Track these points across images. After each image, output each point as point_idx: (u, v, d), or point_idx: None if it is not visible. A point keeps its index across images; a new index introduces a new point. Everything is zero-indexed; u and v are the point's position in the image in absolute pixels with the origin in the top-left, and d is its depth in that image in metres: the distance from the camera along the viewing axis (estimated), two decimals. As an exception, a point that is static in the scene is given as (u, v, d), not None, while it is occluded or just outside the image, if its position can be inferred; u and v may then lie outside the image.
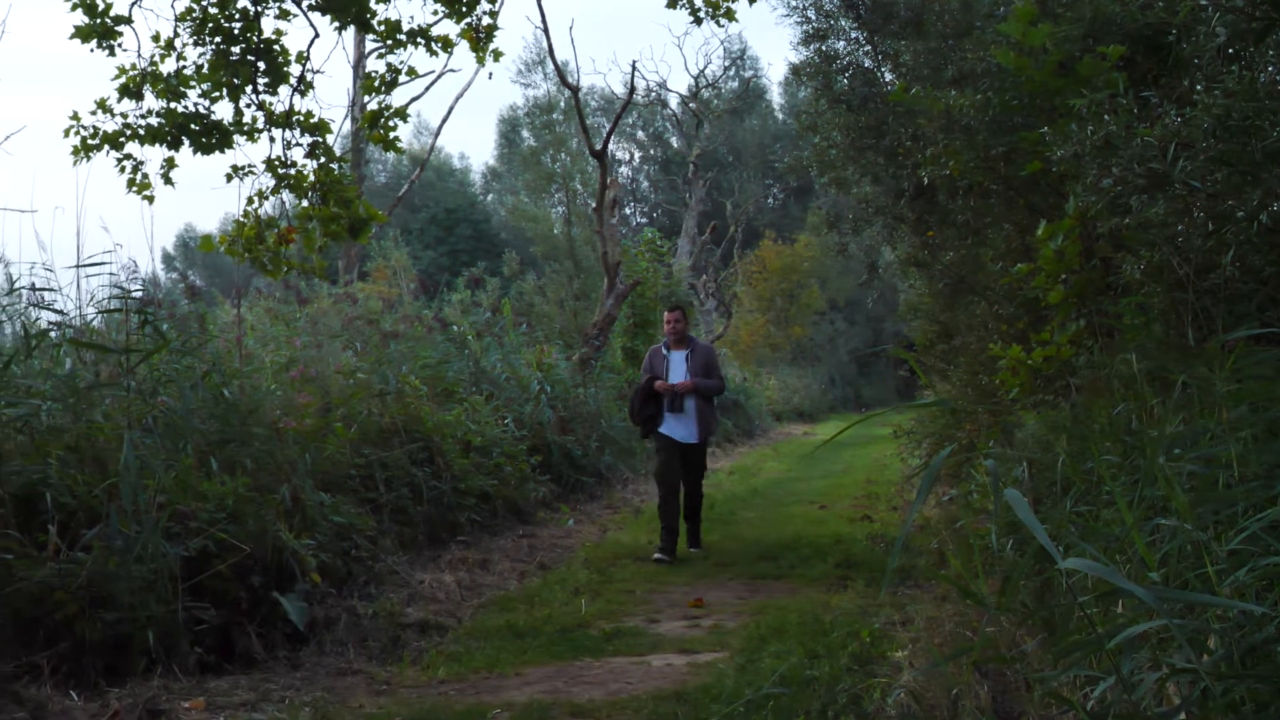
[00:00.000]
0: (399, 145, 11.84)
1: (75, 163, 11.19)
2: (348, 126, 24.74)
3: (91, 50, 10.90)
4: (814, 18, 15.35)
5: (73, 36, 10.76)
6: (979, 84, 10.05)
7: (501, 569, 10.74)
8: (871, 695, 5.92)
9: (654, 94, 48.31)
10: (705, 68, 53.81)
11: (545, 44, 26.53)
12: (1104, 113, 7.27)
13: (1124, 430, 6.03)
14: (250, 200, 11.40)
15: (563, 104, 43.32)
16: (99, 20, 10.76)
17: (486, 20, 11.86)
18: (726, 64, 55.38)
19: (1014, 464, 7.35)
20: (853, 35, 15.24)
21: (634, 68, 37.44)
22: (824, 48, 15.22)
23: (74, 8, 10.68)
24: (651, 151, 65.75)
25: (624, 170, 63.46)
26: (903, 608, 8.15)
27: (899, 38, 14.05)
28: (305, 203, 11.35)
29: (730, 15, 12.75)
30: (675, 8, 12.99)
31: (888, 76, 14.74)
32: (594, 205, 24.73)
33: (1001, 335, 10.48)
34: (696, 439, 11.81)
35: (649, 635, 8.23)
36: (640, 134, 64.39)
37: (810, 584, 9.87)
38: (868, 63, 15.12)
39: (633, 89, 26.14)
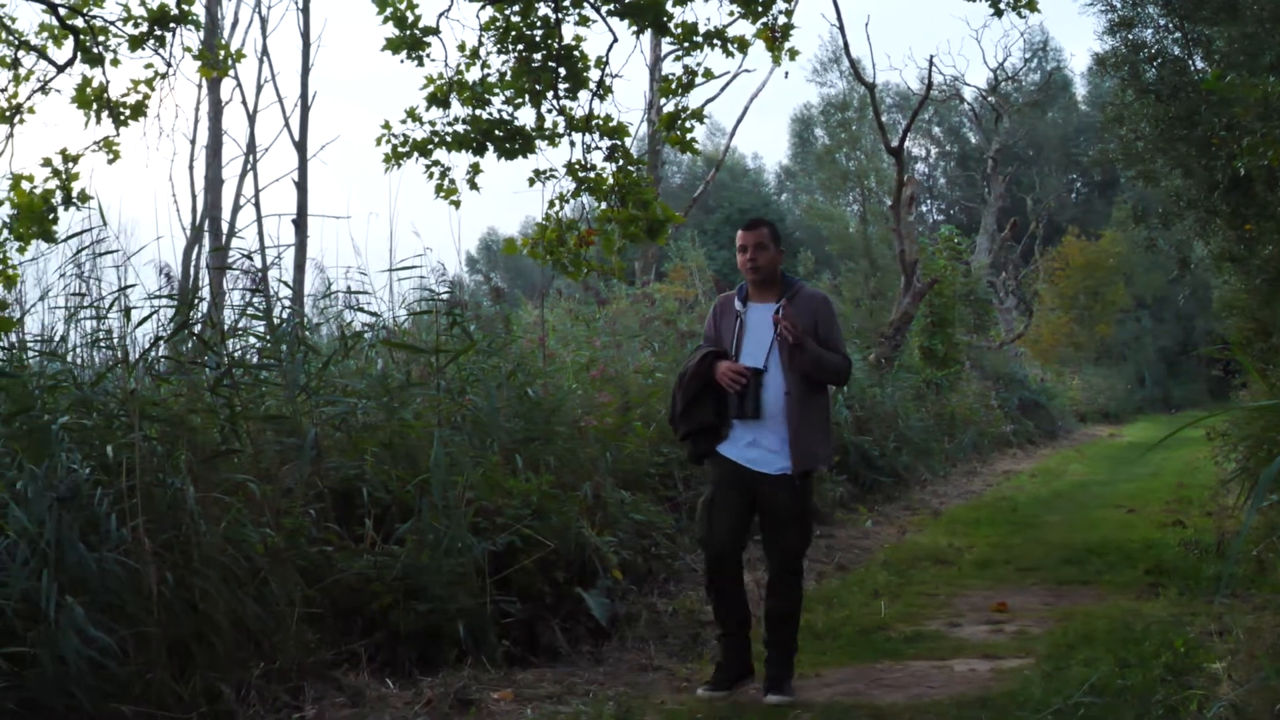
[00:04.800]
0: (695, 146, 11.92)
1: (387, 170, 11.66)
2: (644, 129, 25.09)
3: (401, 61, 11.35)
4: (1119, 6, 14.81)
5: (384, 48, 11.21)
6: (1301, 68, 9.55)
7: (799, 569, 10.69)
8: (1188, 707, 5.69)
9: (951, 89, 47.45)
10: (1004, 60, 52.36)
11: (840, 41, 26.36)
12: None
13: None
14: (551, 204, 11.65)
15: (856, 101, 42.97)
16: (409, 32, 11.17)
17: (782, 19, 11.83)
18: (1027, 56, 53.90)
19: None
20: (1161, 22, 14.66)
21: (931, 63, 37.01)
22: (1130, 36, 14.67)
23: (385, 20, 11.11)
24: (948, 147, 64.67)
25: (920, 167, 62.60)
26: (1219, 617, 7.80)
27: (1211, 23, 13.45)
28: (604, 205, 11.53)
29: (1032, 6, 12.39)
30: (974, 0, 12.73)
31: (1199, 64, 14.13)
32: (890, 203, 24.45)
33: (1326, 333, 9.92)
34: (788, 467, 6.54)
35: (950, 639, 8.07)
36: (936, 130, 63.38)
37: (1119, 590, 9.52)
38: (1177, 50, 14.52)
39: (929, 84, 25.74)
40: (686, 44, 11.48)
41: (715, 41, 11.48)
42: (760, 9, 11.57)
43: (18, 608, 5.19)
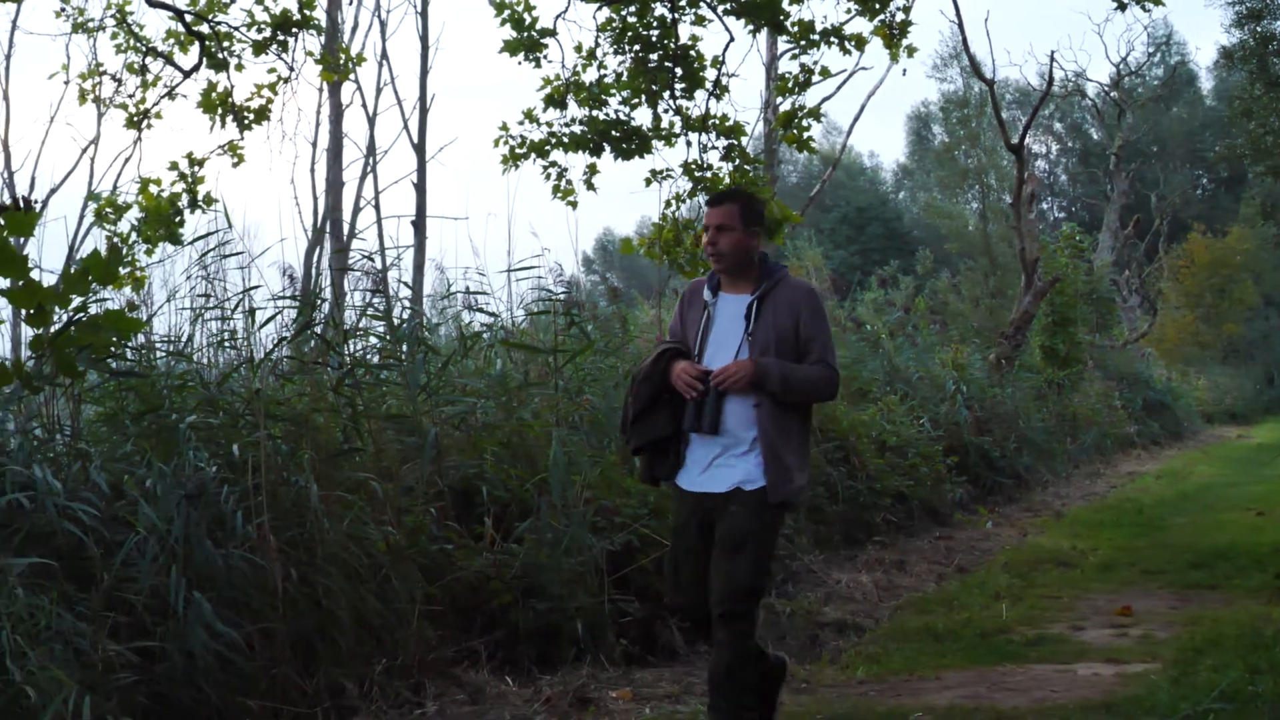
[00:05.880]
0: (812, 145, 11.85)
1: (504, 171, 11.76)
2: (761, 128, 25.02)
3: (519, 63, 11.42)
4: (1248, -3, 14.51)
5: (502, 50, 11.31)
6: None
7: (918, 570, 10.59)
8: (1321, 715, 5.54)
9: (1072, 84, 46.74)
10: (1127, 55, 51.83)
11: (959, 38, 26.10)
12: None
13: None
14: (668, 203, 11.66)
15: (975, 98, 42.53)
16: (526, 34, 11.25)
17: (900, 16, 11.72)
18: (1150, 50, 53.08)
19: None
20: (1292, 13, 14.33)
21: (1052, 58, 36.47)
22: (1259, 29, 14.35)
23: (503, 23, 11.20)
24: (1070, 144, 63.77)
25: (1041, 164, 61.66)
26: (1353, 624, 7.59)
27: (1345, 12, 13.11)
28: (721, 204, 11.50)
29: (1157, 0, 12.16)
30: (1097, -7, 12.52)
31: (1332, 54, 13.78)
32: (1010, 201, 24.15)
33: None
34: (758, 481, 5.30)
35: (1073, 643, 7.93)
36: (1058, 126, 62.53)
37: (1248, 595, 9.29)
38: (1309, 41, 14.18)
39: (1050, 80, 25.41)
40: (803, 42, 11.42)
41: (832, 39, 11.41)
42: (878, 6, 11.48)
43: (147, 603, 5.31)
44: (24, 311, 5.61)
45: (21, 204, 5.64)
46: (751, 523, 5.26)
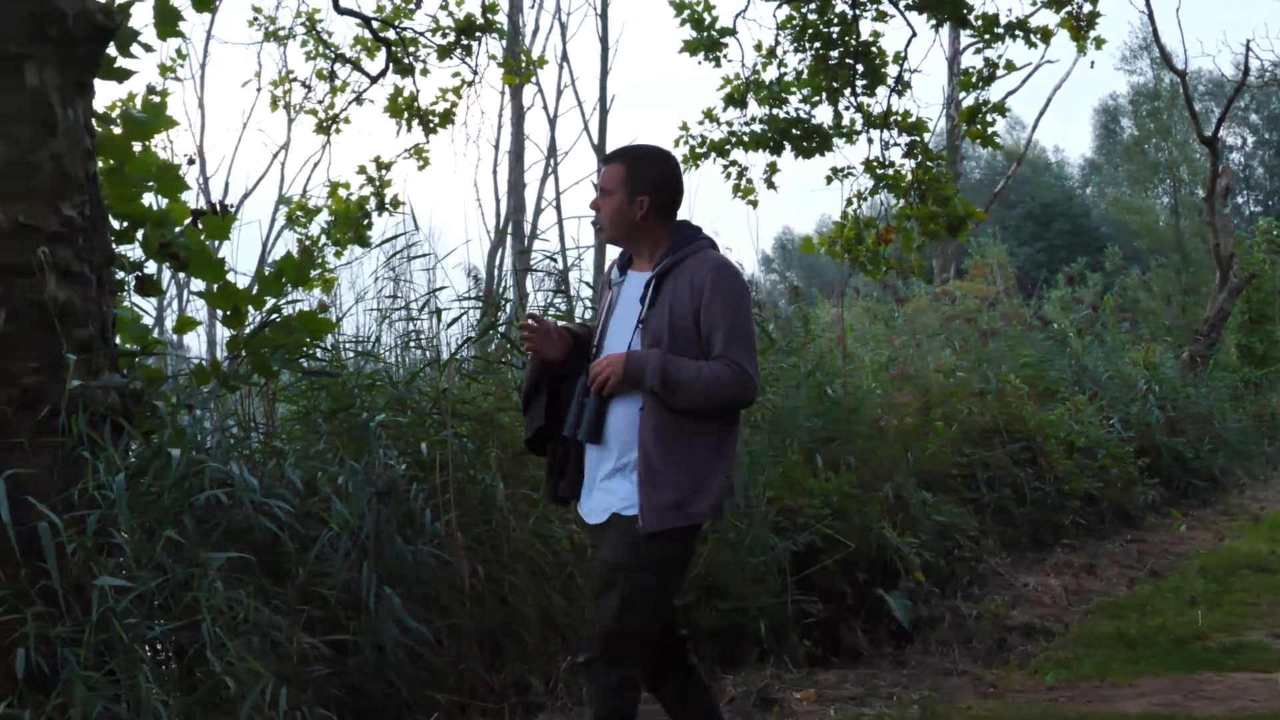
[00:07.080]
0: (996, 140, 11.67)
1: (685, 171, 11.77)
2: (943, 124, 24.72)
3: (699, 63, 11.48)
4: None
5: (682, 50, 11.37)
6: None
7: (1109, 574, 10.34)
8: None
9: (1269, 74, 45.19)
10: (1327, 42, 49.68)
11: (1150, 28, 25.46)
12: None
13: None
14: (849, 201, 11.59)
15: (1166, 90, 41.41)
16: (706, 33, 11.29)
17: (1087, 7, 11.48)
18: (1352, 36, 51.02)
19: None
20: None
21: (1247, 47, 35.28)
22: None
23: (683, 23, 11.26)
24: (1267, 135, 61.64)
25: (1236, 157, 59.74)
26: None
27: None
28: (903, 202, 11.41)
29: (1361, -18, 11.72)
30: (1297, -22, 12.13)
31: None
32: (1203, 195, 23.47)
33: None
34: (631, 509, 4.31)
35: (1273, 651, 7.67)
36: (1254, 117, 60.43)
37: None
38: None
39: (1246, 70, 24.56)
40: (987, 36, 11.29)
41: (1017, 32, 11.25)
42: (1064, -2, 11.28)
43: (340, 597, 5.42)
44: (221, 313, 5.80)
45: (218, 209, 5.82)
46: (622, 555, 4.30)
